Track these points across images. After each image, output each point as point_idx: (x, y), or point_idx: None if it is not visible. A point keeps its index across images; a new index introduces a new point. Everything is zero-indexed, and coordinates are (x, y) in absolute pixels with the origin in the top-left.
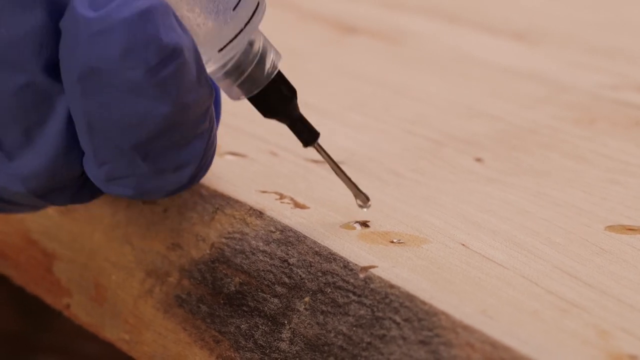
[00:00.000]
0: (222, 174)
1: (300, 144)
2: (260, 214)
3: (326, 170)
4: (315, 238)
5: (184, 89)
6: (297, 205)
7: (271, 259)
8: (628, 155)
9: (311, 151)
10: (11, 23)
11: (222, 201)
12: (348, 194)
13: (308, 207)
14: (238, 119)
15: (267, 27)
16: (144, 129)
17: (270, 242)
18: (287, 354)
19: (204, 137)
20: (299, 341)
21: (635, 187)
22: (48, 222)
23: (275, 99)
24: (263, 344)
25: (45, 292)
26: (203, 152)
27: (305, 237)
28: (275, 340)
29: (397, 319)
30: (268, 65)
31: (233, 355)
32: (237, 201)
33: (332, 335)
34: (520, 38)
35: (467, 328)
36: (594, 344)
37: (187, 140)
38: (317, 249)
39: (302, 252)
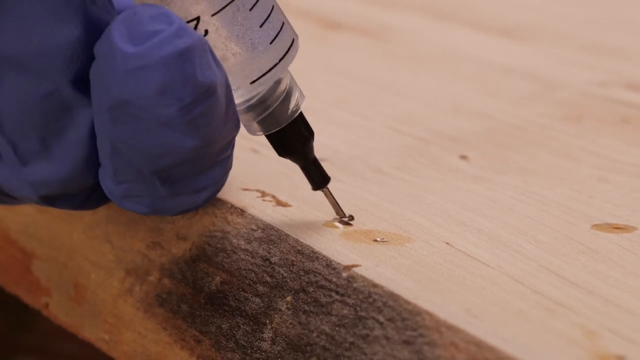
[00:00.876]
0: None
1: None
2: (241, 212)
3: None
4: (298, 236)
5: (214, 124)
6: (279, 203)
7: (253, 257)
8: (616, 152)
9: None
10: (45, 34)
11: None
12: (331, 191)
13: (290, 205)
14: None
15: None
16: (169, 159)
17: (252, 241)
18: (269, 354)
19: (224, 164)
20: (281, 341)
21: (623, 185)
22: (27, 220)
23: (294, 139)
24: (244, 343)
25: (24, 291)
26: (222, 177)
27: (287, 235)
28: (256, 340)
29: (381, 318)
30: (292, 104)
31: (214, 355)
32: (218, 199)
33: (315, 335)
34: (509, 35)
35: (451, 328)
36: (580, 343)
37: (208, 168)
38: (299, 248)
39: (284, 250)
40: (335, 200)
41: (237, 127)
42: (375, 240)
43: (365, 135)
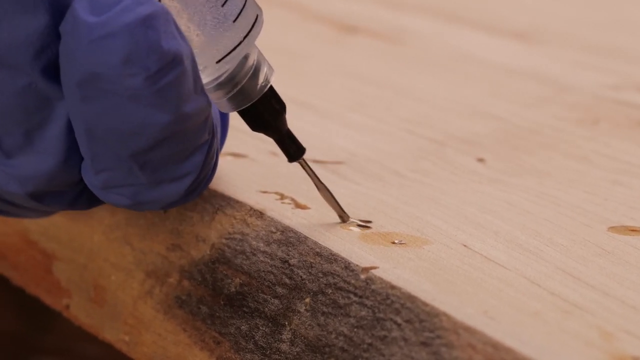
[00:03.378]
0: (222, 175)
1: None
2: (260, 215)
3: (327, 171)
4: (316, 239)
5: (184, 97)
6: (298, 205)
7: (272, 259)
8: (631, 155)
9: (312, 151)
10: (12, 25)
11: (222, 201)
12: (349, 194)
13: (309, 208)
14: (237, 119)
15: (267, 27)
16: (143, 137)
17: (271, 243)
18: (288, 355)
19: (204, 150)
20: (300, 342)
21: (638, 187)
22: (47, 222)
23: (266, 113)
24: (263, 345)
25: (45, 293)
26: (202, 164)
27: (306, 237)
28: (275, 341)
29: (399, 320)
30: (261, 79)
31: (233, 357)
32: (237, 201)
33: (333, 336)
34: (521, 38)
35: (468, 329)
36: (596, 345)
37: (186, 152)
38: (318, 250)
39: (303, 252)
40: (313, 171)
41: (209, 105)
42: (393, 243)
43: (381, 138)
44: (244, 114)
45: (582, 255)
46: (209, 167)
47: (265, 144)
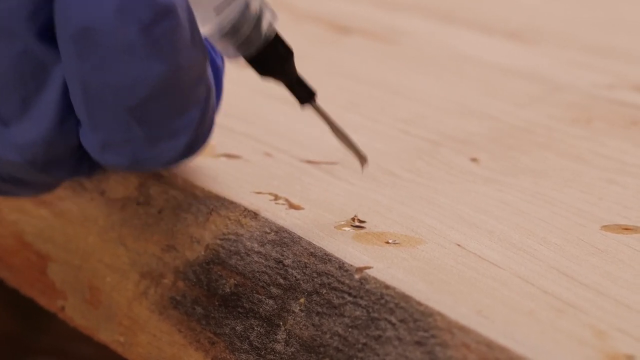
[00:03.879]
0: (216, 175)
1: (296, 146)
2: (254, 215)
3: (321, 171)
4: (311, 239)
5: (178, 48)
6: (292, 206)
7: (266, 260)
8: (625, 154)
9: (306, 152)
10: None
11: (216, 202)
12: (343, 194)
13: (303, 208)
14: (232, 120)
15: None
16: (139, 90)
17: (265, 243)
18: (283, 356)
19: (200, 105)
20: (295, 342)
21: (632, 186)
22: (42, 223)
23: (273, 58)
24: (258, 345)
25: (40, 294)
26: (199, 119)
27: (300, 238)
28: (270, 341)
29: (393, 319)
30: (265, 25)
31: (228, 357)
32: (231, 202)
33: (328, 336)
34: (515, 37)
35: (462, 329)
36: (590, 344)
37: (182, 106)
38: (312, 250)
39: (297, 253)
40: (327, 115)
41: (205, 58)
42: (387, 242)
43: (375, 138)
44: (251, 61)
45: (576, 254)
46: (205, 125)
47: (260, 144)
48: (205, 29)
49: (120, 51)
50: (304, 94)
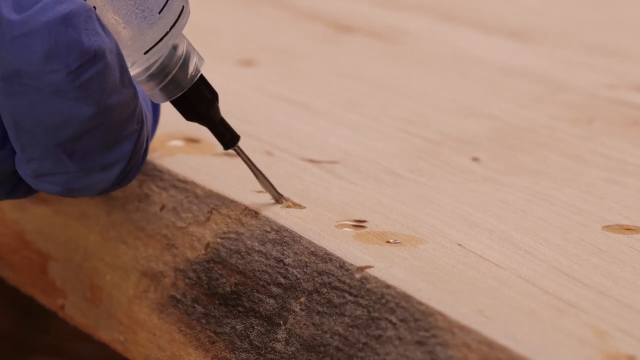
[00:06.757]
0: (217, 174)
1: (297, 145)
2: (255, 214)
3: (322, 170)
4: (311, 238)
5: (107, 91)
6: (293, 205)
7: (267, 259)
8: (626, 154)
9: (307, 151)
10: None
11: (217, 201)
12: (344, 193)
13: (304, 207)
14: (233, 119)
15: (263, 26)
16: (69, 129)
17: (266, 242)
18: (283, 355)
19: (132, 139)
20: (295, 342)
21: (633, 186)
22: (43, 222)
23: (198, 102)
24: (259, 344)
25: (40, 292)
26: (130, 153)
27: (301, 237)
28: (270, 340)
29: (394, 319)
30: (191, 68)
31: (228, 356)
32: (232, 201)
33: (328, 335)
34: (516, 37)
35: (463, 328)
36: (591, 344)
37: (114, 141)
38: (312, 249)
39: (298, 252)
40: (248, 158)
41: (136, 96)
42: (388, 242)
43: (376, 138)
44: (177, 104)
45: (577, 254)
46: (138, 156)
47: (261, 143)
48: (133, 70)
49: (49, 93)
50: (229, 137)
